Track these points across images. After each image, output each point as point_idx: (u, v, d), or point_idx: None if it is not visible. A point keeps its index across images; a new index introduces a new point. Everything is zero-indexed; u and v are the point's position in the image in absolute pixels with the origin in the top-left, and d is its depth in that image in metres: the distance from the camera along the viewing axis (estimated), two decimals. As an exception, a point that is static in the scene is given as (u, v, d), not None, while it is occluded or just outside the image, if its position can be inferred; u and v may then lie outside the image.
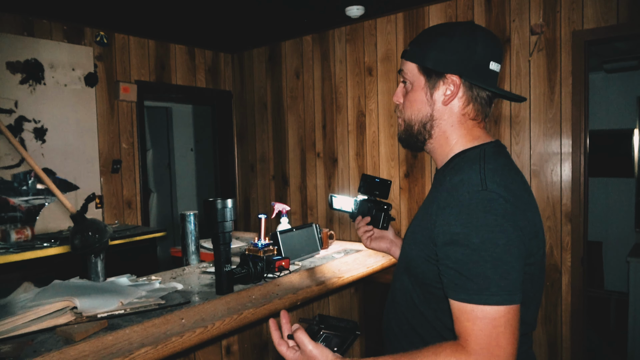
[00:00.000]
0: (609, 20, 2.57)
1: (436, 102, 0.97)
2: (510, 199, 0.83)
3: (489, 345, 0.77)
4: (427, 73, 0.96)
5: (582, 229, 2.70)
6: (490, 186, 0.83)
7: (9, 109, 3.05)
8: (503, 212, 0.81)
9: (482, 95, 0.97)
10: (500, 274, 0.79)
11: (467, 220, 0.81)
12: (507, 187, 0.85)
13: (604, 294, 4.57)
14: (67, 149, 3.34)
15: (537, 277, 0.92)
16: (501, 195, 0.82)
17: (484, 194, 0.82)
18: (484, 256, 0.79)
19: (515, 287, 0.79)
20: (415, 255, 0.95)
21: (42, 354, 1.14)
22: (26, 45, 3.13)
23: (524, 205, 0.86)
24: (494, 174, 0.86)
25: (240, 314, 1.44)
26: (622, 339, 3.61)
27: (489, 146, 0.97)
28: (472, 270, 0.80)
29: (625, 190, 4.78)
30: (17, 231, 2.78)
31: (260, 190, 4.38)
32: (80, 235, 1.74)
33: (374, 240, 1.36)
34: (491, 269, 0.79)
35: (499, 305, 0.78)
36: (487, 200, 0.82)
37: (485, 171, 0.87)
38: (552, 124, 2.78)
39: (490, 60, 0.95)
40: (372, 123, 3.56)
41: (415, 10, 3.28)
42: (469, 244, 0.80)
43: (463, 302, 0.80)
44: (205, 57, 4.31)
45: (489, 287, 0.78)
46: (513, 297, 0.79)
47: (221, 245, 1.57)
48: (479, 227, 0.80)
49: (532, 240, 0.86)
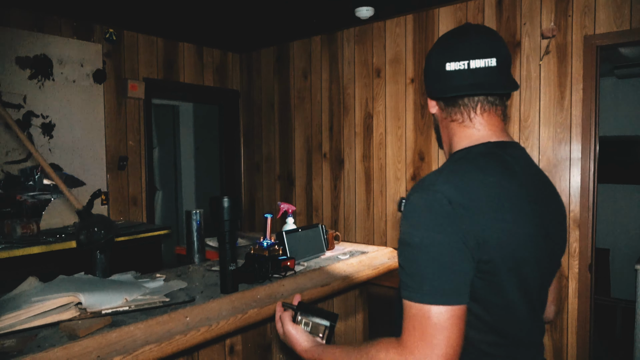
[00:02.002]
0: (622, 25, 2.54)
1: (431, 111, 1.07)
2: (457, 200, 0.82)
3: (420, 342, 0.79)
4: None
5: (590, 236, 2.67)
6: (439, 187, 0.84)
7: (17, 104, 3.06)
8: (445, 213, 0.81)
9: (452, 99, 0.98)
10: (436, 274, 0.80)
11: (411, 220, 0.84)
12: (459, 189, 0.83)
13: (611, 301, 4.52)
14: (74, 145, 3.35)
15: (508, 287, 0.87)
16: (446, 196, 0.82)
17: (430, 194, 0.84)
18: (421, 255, 0.81)
19: (451, 288, 0.80)
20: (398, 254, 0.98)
21: (45, 349, 1.13)
22: (36, 40, 3.15)
23: (478, 209, 0.83)
24: (453, 175, 0.86)
25: (245, 314, 1.43)
26: (627, 347, 3.57)
27: (481, 146, 0.95)
28: (411, 269, 0.83)
29: (634, 198, 4.73)
30: (23, 226, 2.78)
31: (266, 190, 4.38)
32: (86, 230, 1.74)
33: None
34: (427, 268, 0.81)
35: (432, 305, 0.79)
36: (431, 200, 0.83)
37: (445, 172, 0.87)
38: (562, 129, 2.75)
39: (445, 62, 0.96)
40: (379, 125, 3.55)
41: (425, 12, 3.26)
42: (411, 242, 0.83)
43: (404, 299, 0.83)
44: (214, 56, 4.31)
45: (423, 286, 0.80)
46: (448, 298, 0.79)
47: (227, 244, 1.56)
48: (419, 227, 0.82)
49: (485, 247, 0.82)
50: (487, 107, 0.98)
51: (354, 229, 3.71)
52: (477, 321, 0.88)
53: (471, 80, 0.94)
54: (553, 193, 1.00)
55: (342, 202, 3.78)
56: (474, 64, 0.94)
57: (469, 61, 0.94)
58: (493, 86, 0.95)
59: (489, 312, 0.87)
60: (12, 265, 2.47)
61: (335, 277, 1.85)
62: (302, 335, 1.04)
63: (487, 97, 0.97)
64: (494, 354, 0.90)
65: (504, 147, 0.96)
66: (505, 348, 0.91)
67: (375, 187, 3.58)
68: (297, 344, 1.04)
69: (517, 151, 0.97)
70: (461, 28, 0.99)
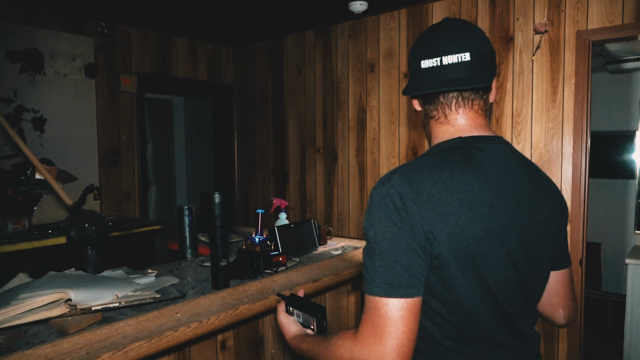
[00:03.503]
0: (614, 20, 2.55)
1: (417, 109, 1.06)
2: (408, 195, 0.83)
3: (372, 334, 0.82)
4: None
5: (582, 230, 2.69)
6: (394, 182, 0.86)
7: (8, 98, 3.03)
8: (395, 207, 0.83)
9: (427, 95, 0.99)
10: (385, 267, 0.83)
11: (368, 214, 0.87)
12: (412, 184, 0.84)
13: (602, 295, 4.57)
14: (66, 140, 3.33)
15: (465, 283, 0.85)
16: (398, 192, 0.84)
17: (383, 189, 0.86)
18: (374, 249, 0.85)
19: (400, 282, 0.82)
20: None
21: (34, 345, 1.13)
22: (26, 34, 3.11)
23: (428, 204, 0.83)
24: (409, 170, 0.87)
25: (236, 309, 1.43)
26: (618, 340, 3.61)
27: (450, 142, 0.94)
28: (367, 262, 0.86)
29: (625, 192, 4.76)
30: (15, 221, 2.77)
31: (260, 185, 4.37)
32: (76, 226, 1.74)
33: None
34: (378, 261, 0.83)
35: (382, 297, 0.82)
36: (383, 195, 0.85)
37: (403, 167, 0.89)
38: (554, 124, 2.76)
39: (419, 60, 0.96)
40: (372, 120, 3.54)
41: (418, 6, 3.25)
42: (368, 237, 0.86)
43: (364, 292, 0.86)
44: (207, 50, 4.29)
45: (375, 279, 0.83)
46: (395, 290, 0.81)
47: (218, 240, 1.56)
48: (374, 221, 0.85)
49: (434, 241, 0.82)
50: (463, 103, 0.96)
51: (348, 223, 3.71)
52: (437, 317, 0.89)
53: (443, 77, 0.93)
54: (538, 188, 0.95)
55: (336, 197, 3.78)
56: (447, 59, 0.93)
57: (441, 57, 0.93)
58: (463, 81, 0.92)
59: (446, 308, 0.88)
60: (3, 261, 2.46)
61: (327, 272, 1.85)
62: (291, 324, 1.14)
63: (462, 93, 0.96)
64: (457, 350, 0.90)
65: (473, 142, 0.94)
66: (468, 346, 0.90)
67: (368, 182, 3.59)
68: (285, 332, 1.14)
69: (491, 145, 0.94)
70: (437, 24, 0.98)
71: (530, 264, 0.92)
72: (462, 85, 0.92)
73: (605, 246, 4.84)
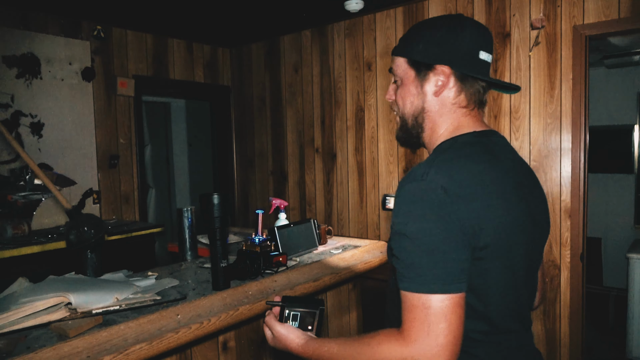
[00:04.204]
0: (610, 14, 2.55)
1: (427, 93, 0.98)
2: (451, 189, 0.83)
3: (422, 333, 0.78)
4: (416, 66, 0.98)
5: (582, 225, 2.69)
6: (433, 176, 0.84)
7: (5, 104, 3.03)
8: (439, 202, 0.82)
9: (475, 85, 0.98)
10: (434, 263, 0.80)
11: (405, 209, 0.84)
12: (451, 177, 0.84)
13: (603, 290, 4.57)
14: (64, 144, 3.32)
15: (498, 273, 0.88)
16: (440, 185, 0.83)
17: (422, 184, 0.84)
18: (419, 245, 0.81)
19: (450, 277, 0.80)
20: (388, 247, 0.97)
21: (35, 350, 1.13)
22: (22, 39, 3.11)
23: (471, 197, 0.84)
24: (443, 164, 0.87)
25: (237, 310, 1.43)
26: (620, 335, 3.61)
27: (466, 136, 0.96)
28: (408, 259, 0.82)
29: (625, 187, 4.77)
30: (14, 226, 2.76)
31: (259, 186, 4.37)
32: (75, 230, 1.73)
33: None
34: (425, 257, 0.81)
35: (432, 294, 0.79)
36: (424, 190, 0.83)
37: (436, 161, 0.88)
38: (552, 120, 2.76)
39: (479, 50, 0.96)
40: (371, 118, 3.54)
41: (414, 4, 3.25)
42: (407, 232, 0.83)
43: (403, 290, 0.83)
44: (204, 52, 4.28)
45: (423, 275, 0.80)
46: (448, 286, 0.79)
47: (217, 241, 1.56)
48: (415, 217, 0.82)
49: (480, 233, 0.83)
50: (485, 100, 1.01)
51: (348, 223, 3.71)
52: (469, 310, 0.88)
53: (487, 72, 0.98)
54: (535, 180, 1.02)
55: (335, 196, 3.78)
56: (489, 58, 0.98)
57: (490, 55, 0.98)
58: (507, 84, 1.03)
59: (481, 300, 0.88)
60: (3, 266, 2.45)
61: (327, 271, 1.85)
62: (293, 332, 1.01)
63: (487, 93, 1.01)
64: (485, 341, 0.91)
65: (487, 136, 0.97)
66: (495, 336, 0.92)
67: (367, 181, 3.59)
68: (290, 342, 1.00)
69: (499, 139, 0.99)
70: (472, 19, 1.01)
71: (535, 252, 0.98)
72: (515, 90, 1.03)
73: (606, 241, 4.85)
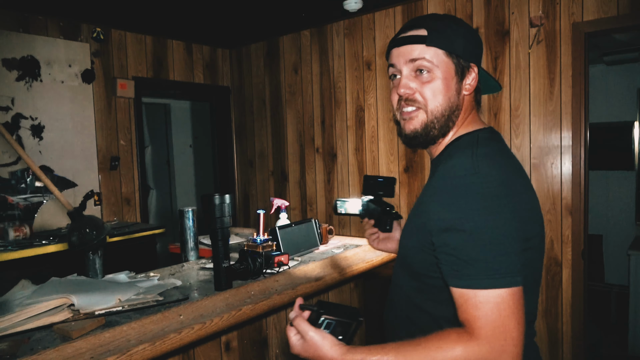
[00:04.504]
0: (609, 11, 2.55)
1: (462, 91, 0.96)
2: (503, 181, 0.83)
3: (495, 330, 0.75)
4: (457, 61, 0.94)
5: (583, 222, 2.69)
6: (483, 170, 0.83)
7: (5, 107, 3.03)
8: (497, 194, 0.81)
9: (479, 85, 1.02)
10: (499, 257, 0.78)
11: (461, 204, 0.81)
12: (499, 170, 0.84)
13: (605, 287, 4.57)
14: (65, 146, 3.32)
15: (536, 263, 0.91)
16: (494, 178, 0.82)
17: (476, 177, 0.82)
18: (481, 239, 0.78)
19: (515, 269, 0.78)
20: (411, 245, 0.94)
21: (38, 351, 1.13)
22: (22, 41, 3.11)
23: (519, 188, 0.86)
24: (486, 158, 0.86)
25: (239, 310, 1.43)
26: (622, 332, 3.61)
27: (482, 132, 0.98)
28: (471, 255, 0.79)
29: (625, 183, 4.76)
30: (16, 229, 2.76)
31: (260, 186, 4.37)
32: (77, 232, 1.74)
33: (380, 242, 1.37)
34: (489, 252, 0.78)
35: (501, 289, 0.76)
36: (480, 183, 0.81)
37: (477, 155, 0.86)
38: (552, 117, 2.76)
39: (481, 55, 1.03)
40: (371, 118, 3.54)
41: (413, 3, 3.25)
42: (465, 228, 0.79)
43: (465, 289, 0.79)
44: (203, 53, 4.29)
45: (489, 270, 0.77)
46: (514, 279, 0.77)
47: (219, 241, 1.56)
48: (474, 211, 0.80)
49: (528, 224, 0.85)
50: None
51: (349, 222, 3.71)
52: None
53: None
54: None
55: (336, 195, 3.78)
56: None
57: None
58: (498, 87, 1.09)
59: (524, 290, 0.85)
60: (5, 269, 2.46)
61: (329, 270, 1.85)
62: (330, 339, 0.86)
63: None
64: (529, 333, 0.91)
65: (495, 133, 1.00)
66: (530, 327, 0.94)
67: (368, 180, 3.58)
68: (326, 351, 0.85)
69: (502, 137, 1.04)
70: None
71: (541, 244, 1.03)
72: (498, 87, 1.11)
73: (607, 238, 4.84)
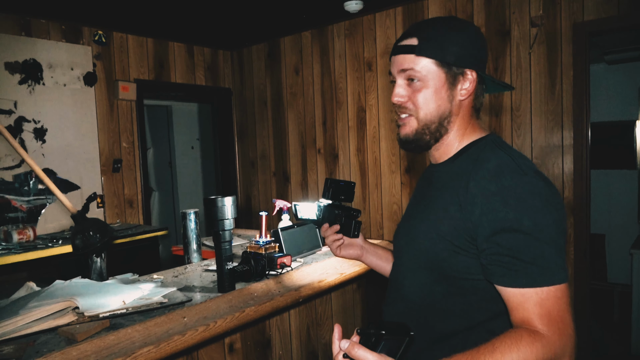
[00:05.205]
0: (610, 10, 2.55)
1: (455, 97, 0.97)
2: (547, 182, 0.87)
3: (558, 323, 0.79)
4: (448, 68, 0.95)
5: (585, 222, 2.69)
6: (533, 172, 0.87)
7: (8, 110, 3.05)
8: (546, 195, 0.84)
9: (483, 91, 1.02)
10: (557, 253, 0.81)
11: (516, 205, 0.83)
12: (538, 172, 0.88)
13: (607, 286, 4.56)
14: (68, 149, 3.34)
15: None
16: (540, 179, 0.86)
17: (527, 178, 0.85)
18: (540, 238, 0.81)
19: (565, 265, 0.83)
20: (440, 248, 0.93)
21: (44, 354, 1.13)
22: (24, 45, 3.12)
23: (555, 189, 0.89)
24: (523, 160, 0.90)
25: (243, 312, 1.44)
26: (625, 330, 3.60)
27: (492, 137, 0.99)
28: (530, 254, 0.81)
29: (627, 182, 4.76)
30: (19, 232, 2.78)
31: (262, 187, 4.38)
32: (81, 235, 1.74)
33: (343, 248, 1.35)
34: (548, 249, 0.81)
35: (560, 284, 0.80)
36: (532, 184, 0.85)
37: (514, 157, 0.89)
38: (554, 117, 2.76)
39: (486, 58, 1.00)
40: (372, 118, 3.55)
41: (414, 4, 3.26)
42: (522, 228, 0.82)
43: (526, 287, 0.81)
44: (204, 55, 4.30)
45: (549, 267, 0.80)
46: (567, 273, 0.82)
47: (222, 243, 1.57)
48: (530, 211, 0.82)
49: (564, 222, 0.89)
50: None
51: (351, 223, 3.71)
52: None
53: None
54: None
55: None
56: None
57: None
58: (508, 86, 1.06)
59: None
60: (9, 271, 2.47)
61: (332, 272, 1.86)
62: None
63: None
64: None
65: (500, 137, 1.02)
66: None
67: (370, 181, 3.59)
68: None
69: None
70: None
71: None
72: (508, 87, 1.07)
73: (610, 237, 4.84)
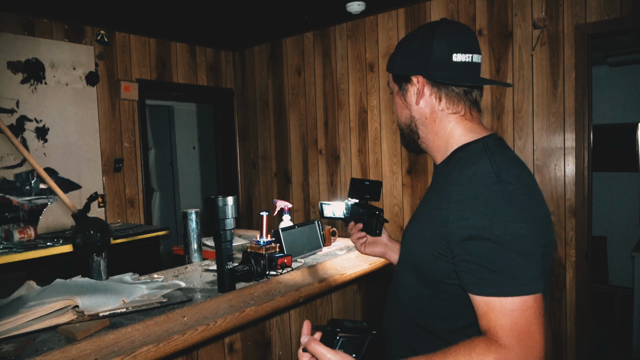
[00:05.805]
0: (612, 13, 2.55)
1: (411, 103, 1.02)
2: (524, 190, 0.84)
3: (522, 336, 0.77)
4: (397, 79, 1.03)
5: (587, 224, 2.69)
6: (505, 178, 0.84)
7: (10, 109, 3.05)
8: (521, 203, 0.82)
9: (455, 89, 0.97)
10: (527, 264, 0.79)
11: (487, 213, 0.81)
12: (519, 179, 0.86)
13: (609, 289, 4.55)
14: (69, 148, 3.34)
15: (549, 268, 0.92)
16: (517, 187, 0.83)
17: (501, 185, 0.83)
18: (509, 247, 0.79)
19: (539, 276, 0.80)
20: (423, 252, 0.94)
21: (43, 353, 1.13)
22: (27, 44, 3.13)
23: (536, 196, 0.87)
24: (506, 166, 0.87)
25: (242, 312, 1.43)
26: (627, 334, 3.59)
27: (489, 139, 0.96)
28: (498, 263, 0.79)
29: (629, 185, 4.75)
30: (20, 231, 2.78)
31: (263, 188, 4.38)
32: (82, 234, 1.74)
33: (368, 246, 1.37)
34: (517, 259, 0.79)
35: (528, 295, 0.78)
36: (505, 192, 0.82)
37: (496, 164, 0.87)
38: (556, 119, 2.76)
39: (452, 53, 0.95)
40: (374, 119, 3.55)
41: (416, 5, 3.26)
42: (491, 236, 0.80)
43: (491, 297, 0.79)
44: (207, 55, 4.30)
45: (517, 277, 0.78)
46: (538, 285, 0.79)
47: (223, 243, 1.57)
48: (501, 219, 0.80)
49: (544, 231, 0.86)
50: (480, 99, 1.00)
51: (352, 224, 3.71)
52: None
53: (475, 74, 0.97)
54: None
55: (339, 197, 3.79)
56: (475, 58, 0.97)
57: (472, 55, 0.96)
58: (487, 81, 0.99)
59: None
60: (10, 270, 2.47)
61: (332, 272, 1.85)
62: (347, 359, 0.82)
63: (481, 92, 1.00)
64: None
65: (500, 140, 0.99)
66: None
67: (371, 182, 3.59)
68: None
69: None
70: (456, 22, 1.01)
71: None
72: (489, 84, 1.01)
73: (611, 239, 4.82)
